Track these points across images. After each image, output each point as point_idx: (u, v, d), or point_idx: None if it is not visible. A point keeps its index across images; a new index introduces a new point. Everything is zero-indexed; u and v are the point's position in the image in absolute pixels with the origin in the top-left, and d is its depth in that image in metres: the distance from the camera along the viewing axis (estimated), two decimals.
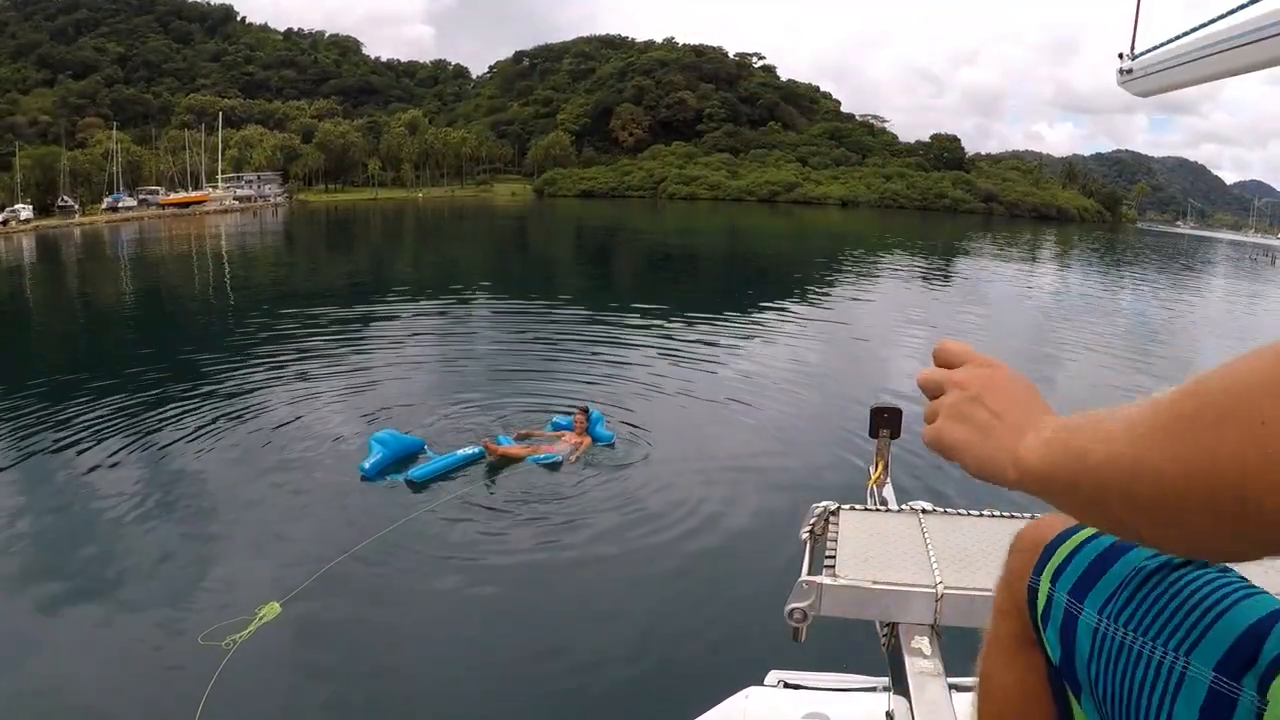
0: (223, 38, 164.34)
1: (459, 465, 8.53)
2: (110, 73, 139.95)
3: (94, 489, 8.19)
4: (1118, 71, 2.79)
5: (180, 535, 7.19)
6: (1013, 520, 1.82)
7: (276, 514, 7.55)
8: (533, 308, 22.12)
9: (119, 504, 7.72)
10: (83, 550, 6.87)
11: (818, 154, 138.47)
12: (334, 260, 40.80)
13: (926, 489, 8.07)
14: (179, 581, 6.38)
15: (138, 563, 6.67)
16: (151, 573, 6.50)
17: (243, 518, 7.49)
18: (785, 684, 2.52)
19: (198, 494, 8.07)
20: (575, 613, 6.06)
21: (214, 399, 11.67)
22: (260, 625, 5.48)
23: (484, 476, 8.46)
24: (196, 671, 4.97)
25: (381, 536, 6.85)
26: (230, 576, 6.43)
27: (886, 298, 27.41)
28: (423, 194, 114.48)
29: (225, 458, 9.13)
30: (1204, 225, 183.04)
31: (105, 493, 8.02)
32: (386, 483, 8.14)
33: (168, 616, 5.82)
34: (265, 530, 7.24)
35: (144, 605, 6.02)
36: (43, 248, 46.63)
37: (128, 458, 9.07)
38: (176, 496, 7.98)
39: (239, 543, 7.07)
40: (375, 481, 8.16)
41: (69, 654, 5.42)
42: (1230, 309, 31.91)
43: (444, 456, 8.59)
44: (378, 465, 8.30)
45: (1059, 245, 66.98)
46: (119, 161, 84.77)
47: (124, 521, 7.39)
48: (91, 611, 5.96)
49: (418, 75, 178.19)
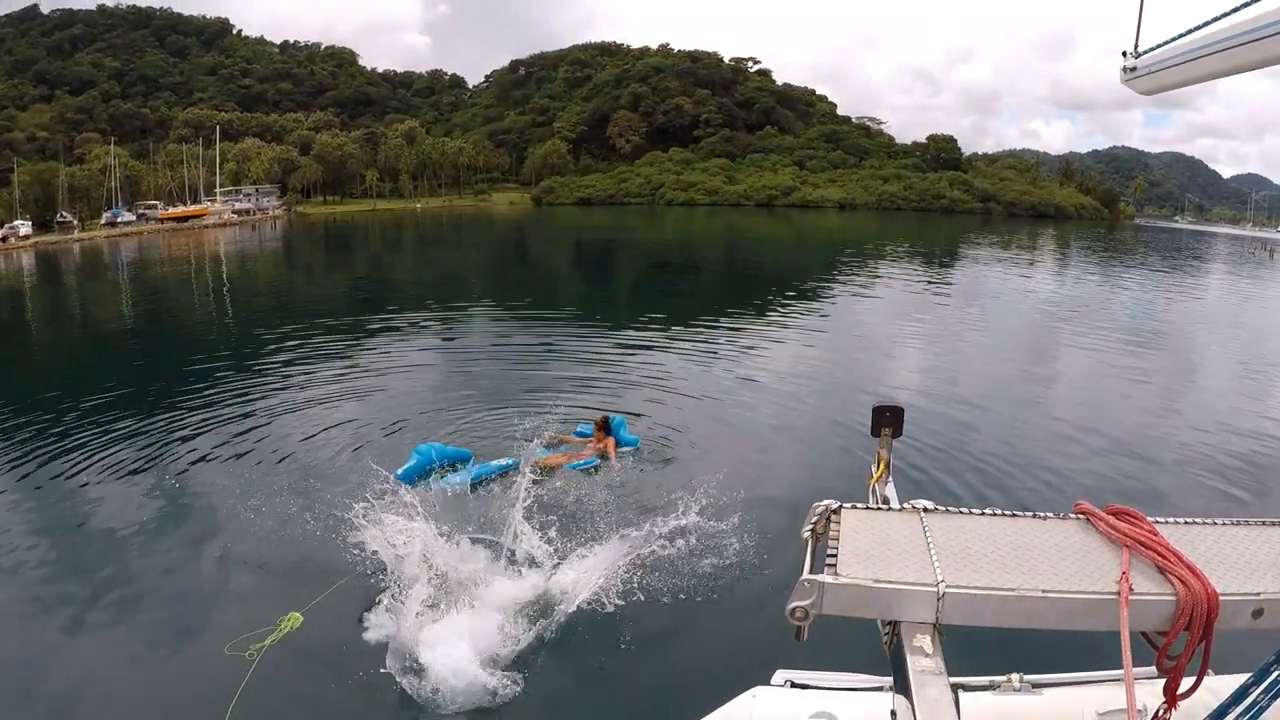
0: (219, 51, 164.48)
1: (494, 475, 8.81)
2: (107, 88, 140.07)
3: (112, 504, 8.30)
4: (1121, 69, 2.82)
5: (202, 548, 7.28)
6: (1014, 519, 1.84)
7: (298, 526, 7.54)
8: (537, 316, 22.14)
9: (141, 518, 7.84)
10: (104, 563, 6.98)
11: (815, 157, 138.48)
12: (336, 272, 40.82)
13: (928, 488, 8.09)
14: (202, 593, 6.50)
15: (160, 576, 6.78)
16: (175, 585, 6.61)
17: (263, 530, 7.50)
18: (792, 684, 2.53)
19: (217, 507, 8.15)
20: (584, 613, 6.10)
21: (225, 412, 11.77)
22: (283, 635, 5.56)
23: (513, 485, 8.52)
24: (223, 679, 5.06)
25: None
26: (252, 587, 6.54)
27: (886, 298, 27.42)
28: (421, 204, 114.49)
29: (241, 470, 9.23)
30: (1202, 220, 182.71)
31: (127, 508, 8.13)
32: (409, 492, 8.13)
33: (193, 627, 5.94)
34: (286, 541, 7.27)
35: (168, 617, 6.13)
36: (42, 264, 46.68)
37: (148, 474, 9.21)
38: (195, 509, 8.11)
39: (259, 554, 7.13)
40: (408, 487, 8.14)
41: (100, 664, 5.54)
42: (1230, 302, 31.90)
43: (481, 466, 8.87)
44: (410, 472, 8.52)
45: (1057, 243, 66.99)
46: (117, 176, 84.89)
47: (146, 535, 7.51)
48: (117, 623, 6.08)
49: (414, 86, 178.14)
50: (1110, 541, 1.70)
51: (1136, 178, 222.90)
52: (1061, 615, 1.55)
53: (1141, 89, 2.81)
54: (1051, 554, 1.68)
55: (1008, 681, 2.47)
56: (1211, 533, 1.80)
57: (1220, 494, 9.21)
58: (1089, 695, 2.39)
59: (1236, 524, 1.85)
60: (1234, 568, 1.64)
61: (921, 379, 14.90)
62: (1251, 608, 1.54)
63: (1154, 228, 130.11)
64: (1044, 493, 8.81)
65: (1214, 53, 2.19)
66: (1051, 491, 8.82)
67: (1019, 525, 1.82)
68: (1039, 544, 1.72)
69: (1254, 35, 1.99)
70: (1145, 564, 1.61)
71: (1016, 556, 1.66)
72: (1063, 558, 1.66)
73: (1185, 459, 10.54)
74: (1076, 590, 1.55)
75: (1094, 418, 12.51)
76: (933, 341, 19.18)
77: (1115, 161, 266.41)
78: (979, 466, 9.63)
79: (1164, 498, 8.89)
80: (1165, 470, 10.05)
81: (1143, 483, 9.43)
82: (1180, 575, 1.54)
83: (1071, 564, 1.64)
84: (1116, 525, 1.73)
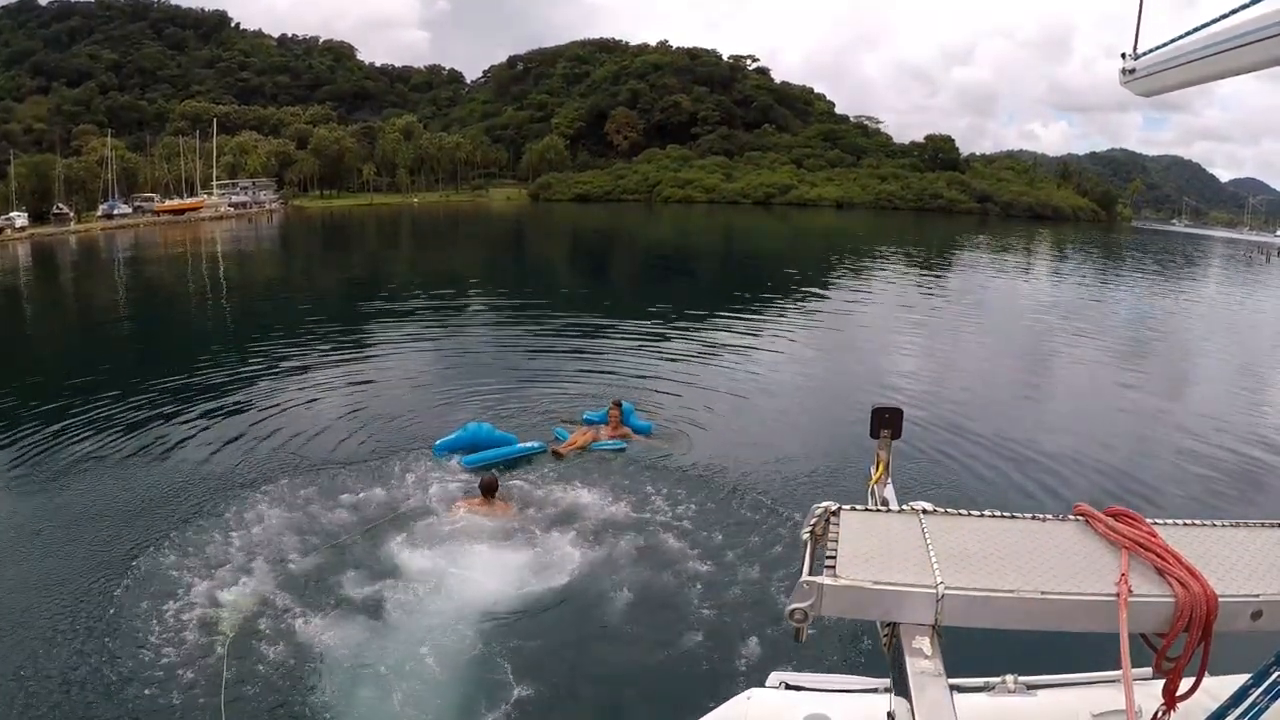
0: (217, 44, 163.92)
1: (519, 455, 9.30)
2: (104, 80, 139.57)
3: (102, 491, 8.30)
4: (1120, 71, 2.81)
5: (202, 514, 7.40)
6: (1013, 521, 1.83)
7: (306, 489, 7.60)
8: (530, 310, 22.12)
9: (148, 500, 7.94)
10: (88, 543, 6.98)
11: (812, 156, 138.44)
12: (333, 266, 40.75)
13: (927, 489, 8.09)
14: (187, 560, 6.68)
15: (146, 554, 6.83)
16: (156, 559, 6.71)
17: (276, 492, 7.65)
18: (787, 685, 2.53)
19: (225, 485, 8.31)
20: (579, 614, 6.10)
21: (209, 399, 11.90)
22: (261, 603, 5.95)
23: (529, 468, 9.04)
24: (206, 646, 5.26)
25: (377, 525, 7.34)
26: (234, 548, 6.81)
27: (884, 299, 27.45)
28: (418, 199, 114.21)
29: (251, 453, 9.57)
30: (1199, 223, 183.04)
31: (124, 495, 8.22)
32: (431, 463, 8.91)
33: (173, 596, 6.12)
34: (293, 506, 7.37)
35: (149, 587, 6.31)
36: (39, 256, 46.49)
37: (147, 464, 9.28)
38: (189, 492, 8.11)
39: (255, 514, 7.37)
40: (438, 459, 9.01)
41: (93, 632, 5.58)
42: (1226, 305, 31.99)
43: (507, 447, 9.34)
44: (446, 445, 9.18)
45: (1054, 245, 67.11)
46: (114, 168, 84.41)
47: (148, 514, 7.58)
48: (99, 591, 6.22)
49: (412, 80, 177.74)
50: (1109, 543, 1.70)
51: (1134, 180, 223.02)
52: (1060, 617, 1.55)
53: (1140, 91, 2.80)
54: (1051, 555, 1.67)
55: (1002, 683, 2.47)
56: (1211, 534, 1.80)
57: (1220, 495, 9.25)
58: (1084, 696, 2.39)
59: (1236, 525, 1.85)
60: (1233, 569, 1.64)
61: (920, 380, 14.91)
62: (1251, 609, 1.54)
63: (1151, 230, 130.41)
64: (1043, 494, 8.84)
65: (1213, 54, 2.18)
66: (1051, 493, 8.85)
67: (1018, 527, 1.81)
68: (1038, 545, 1.71)
69: (1253, 37, 1.98)
70: (1144, 566, 1.61)
71: (1016, 558, 1.65)
72: (1062, 559, 1.66)
73: (1184, 460, 10.58)
74: (1075, 592, 1.54)
75: (1093, 419, 12.54)
76: (931, 342, 19.21)
77: (1113, 164, 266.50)
78: (978, 468, 9.65)
79: (1163, 499, 8.92)
80: (1164, 472, 10.08)
81: (1142, 484, 9.46)
82: (1179, 577, 1.54)
83: (1071, 565, 1.63)
84: (1115, 527, 1.73)
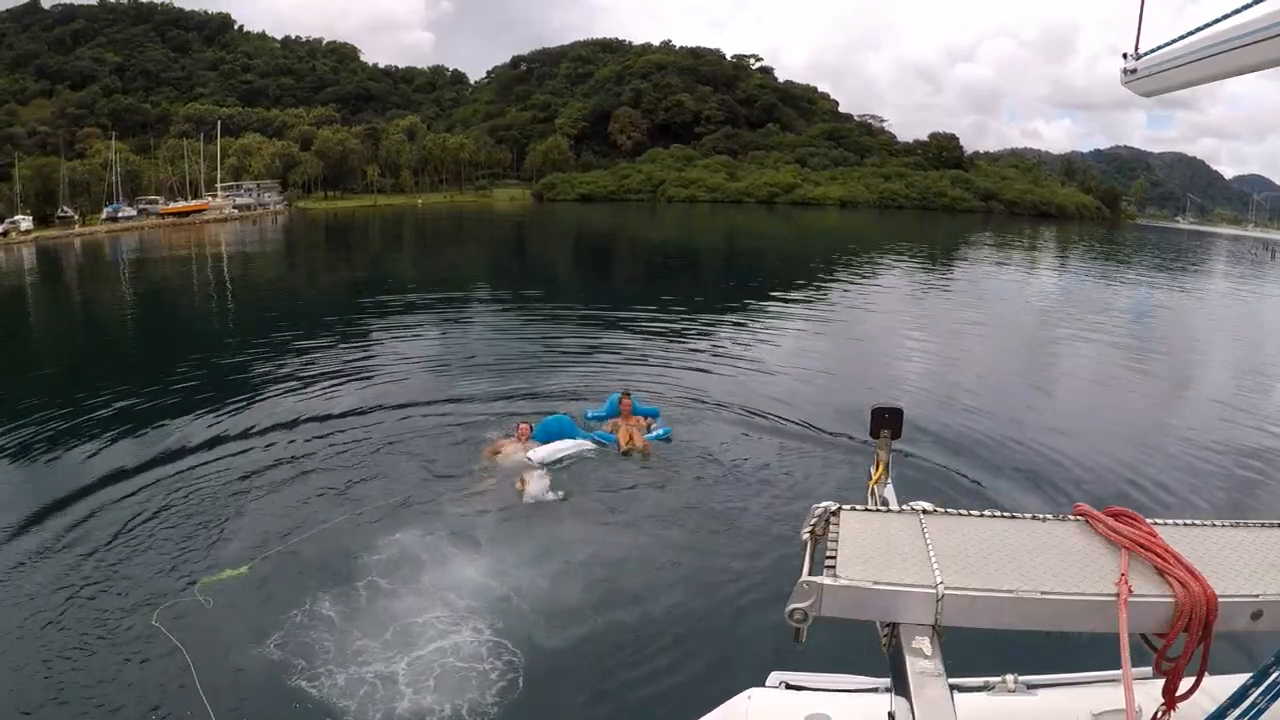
0: (220, 46, 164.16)
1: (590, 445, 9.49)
2: (108, 83, 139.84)
3: (101, 486, 8.31)
4: (1122, 71, 2.81)
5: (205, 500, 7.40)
6: (1013, 521, 1.83)
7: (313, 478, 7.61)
8: (531, 308, 22.14)
9: (154, 512, 7.91)
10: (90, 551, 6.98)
11: (816, 155, 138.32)
12: (341, 267, 40.78)
13: (927, 489, 8.07)
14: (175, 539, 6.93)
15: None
16: (157, 560, 6.80)
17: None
18: (787, 685, 2.53)
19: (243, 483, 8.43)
20: (577, 615, 6.08)
21: (209, 398, 11.91)
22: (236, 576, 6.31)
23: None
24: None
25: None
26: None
27: (886, 298, 27.41)
28: (422, 200, 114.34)
29: (260, 452, 9.59)
30: (1204, 220, 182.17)
31: (133, 507, 8.16)
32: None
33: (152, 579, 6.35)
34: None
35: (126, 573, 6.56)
36: (43, 259, 46.66)
37: (152, 463, 9.28)
38: (196, 490, 8.13)
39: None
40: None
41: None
42: (1231, 304, 31.88)
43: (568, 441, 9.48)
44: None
45: (1058, 243, 66.95)
46: (118, 171, 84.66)
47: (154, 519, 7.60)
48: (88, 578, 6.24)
49: (415, 81, 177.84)
50: (1109, 543, 1.70)
51: (1138, 178, 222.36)
52: (1060, 617, 1.55)
53: (1142, 91, 2.80)
54: (1050, 555, 1.67)
55: (1002, 682, 2.47)
56: (1211, 534, 1.80)
57: (1220, 495, 9.21)
58: (1083, 696, 2.39)
59: (1236, 526, 1.85)
60: (1233, 569, 1.64)
61: (921, 380, 14.89)
62: (1250, 609, 1.54)
63: (1156, 228, 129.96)
64: (1043, 494, 8.81)
65: (1215, 55, 2.18)
66: (1050, 493, 8.82)
67: (1018, 527, 1.81)
68: (1038, 545, 1.71)
69: (1255, 37, 1.98)
70: (1144, 566, 1.61)
71: (1015, 558, 1.66)
72: (1062, 559, 1.66)
73: (1184, 461, 10.53)
74: (1075, 592, 1.55)
75: (1093, 419, 12.51)
76: (932, 342, 19.17)
77: (1117, 161, 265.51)
78: (978, 468, 9.63)
79: (1163, 499, 8.88)
80: (1164, 472, 10.04)
81: (1142, 484, 9.43)
82: (1179, 577, 1.54)
83: (1070, 565, 1.63)
84: (1115, 527, 1.73)
